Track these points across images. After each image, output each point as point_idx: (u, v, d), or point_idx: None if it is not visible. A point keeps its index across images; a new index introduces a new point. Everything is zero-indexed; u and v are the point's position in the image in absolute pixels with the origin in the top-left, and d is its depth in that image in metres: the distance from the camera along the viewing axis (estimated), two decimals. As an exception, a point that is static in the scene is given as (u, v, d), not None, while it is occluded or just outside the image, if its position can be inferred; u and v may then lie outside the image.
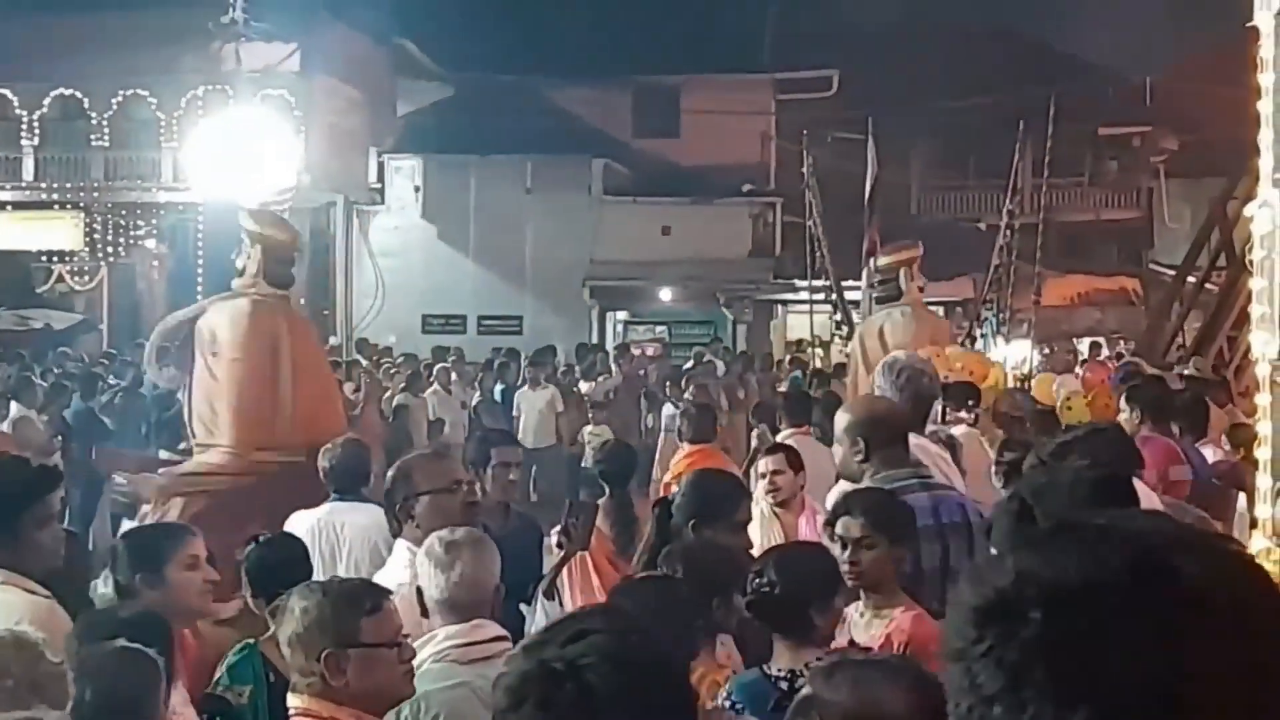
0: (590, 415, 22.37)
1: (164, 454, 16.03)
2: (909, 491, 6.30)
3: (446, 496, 6.38)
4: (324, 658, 4.30)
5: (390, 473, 6.64)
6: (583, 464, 19.97)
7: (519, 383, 24.54)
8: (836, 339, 29.21)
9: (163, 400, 16.12)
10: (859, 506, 5.92)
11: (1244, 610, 1.45)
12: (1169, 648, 1.42)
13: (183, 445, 12.01)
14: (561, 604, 7.41)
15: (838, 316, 27.50)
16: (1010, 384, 17.28)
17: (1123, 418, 9.07)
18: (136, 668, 4.43)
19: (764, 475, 8.77)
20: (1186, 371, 17.57)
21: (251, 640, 5.82)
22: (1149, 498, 3.54)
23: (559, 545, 8.09)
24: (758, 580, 5.34)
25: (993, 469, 9.11)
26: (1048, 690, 1.43)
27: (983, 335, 29.51)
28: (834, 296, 27.50)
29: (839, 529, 5.82)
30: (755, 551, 6.84)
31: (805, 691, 3.62)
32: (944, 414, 10.26)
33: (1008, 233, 26.22)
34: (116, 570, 5.76)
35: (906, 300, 14.19)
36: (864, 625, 5.72)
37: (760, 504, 8.42)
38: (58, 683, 3.98)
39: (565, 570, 7.91)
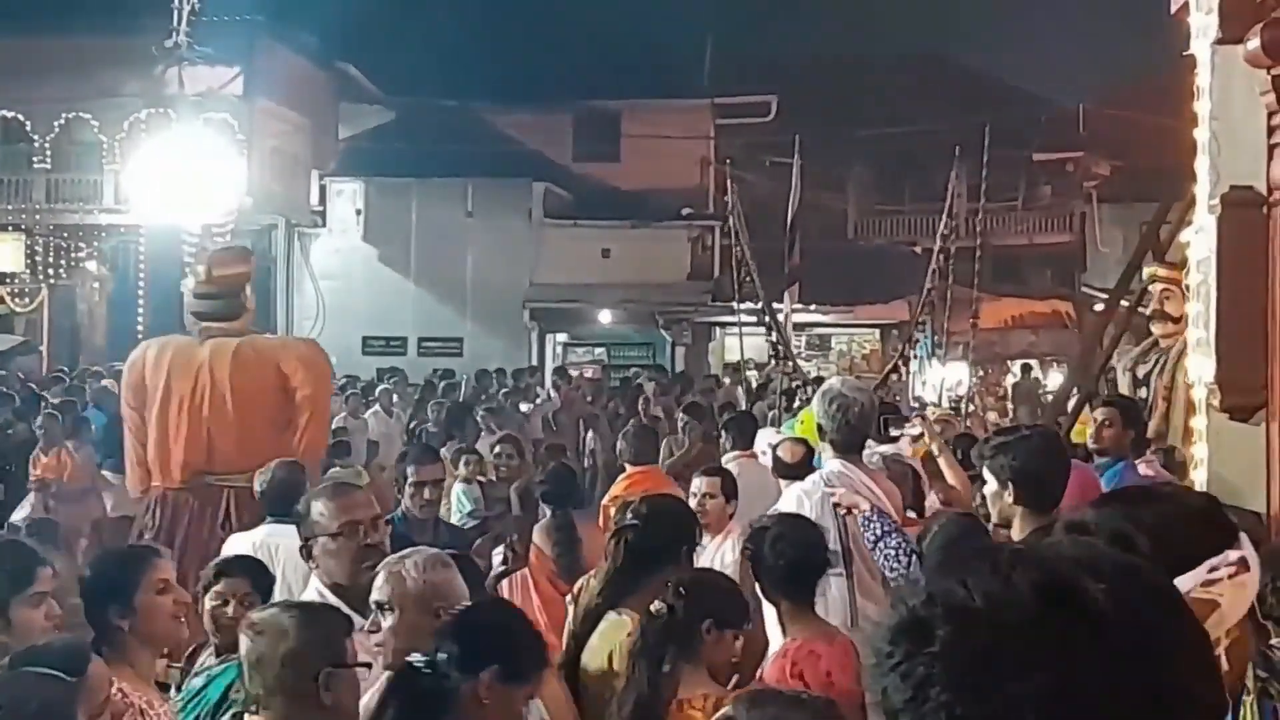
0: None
1: (110, 475, 16.14)
2: None
3: (341, 540, 5.66)
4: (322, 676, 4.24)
5: (297, 507, 6.04)
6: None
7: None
8: (772, 361, 29.16)
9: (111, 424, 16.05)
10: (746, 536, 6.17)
11: (1146, 633, 1.50)
12: (1063, 664, 1.46)
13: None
14: None
15: (772, 338, 27.45)
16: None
17: (1111, 432, 9.22)
18: (44, 688, 4.30)
19: (695, 495, 8.51)
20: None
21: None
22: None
23: (504, 561, 8.24)
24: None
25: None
26: (947, 701, 1.48)
27: (916, 358, 29.64)
28: (766, 319, 27.51)
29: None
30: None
31: (726, 712, 3.77)
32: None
33: (940, 257, 26.38)
34: (86, 602, 5.49)
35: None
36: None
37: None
38: None
39: (506, 584, 8.08)
